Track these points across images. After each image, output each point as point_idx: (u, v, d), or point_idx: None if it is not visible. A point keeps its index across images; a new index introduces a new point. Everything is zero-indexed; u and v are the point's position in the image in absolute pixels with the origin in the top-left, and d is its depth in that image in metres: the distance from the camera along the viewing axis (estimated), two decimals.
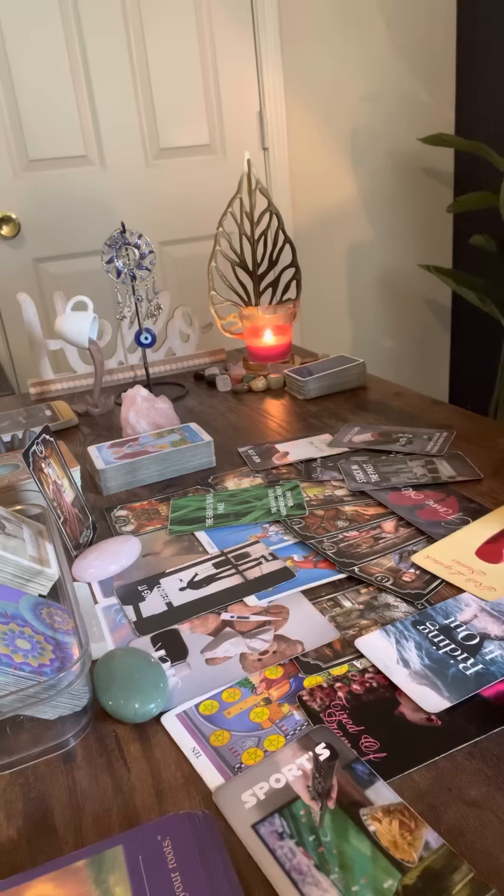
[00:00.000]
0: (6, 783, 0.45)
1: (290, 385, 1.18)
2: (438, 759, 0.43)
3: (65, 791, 0.44)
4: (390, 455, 0.86)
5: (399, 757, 0.43)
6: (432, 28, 2.19)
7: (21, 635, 0.50)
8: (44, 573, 0.59)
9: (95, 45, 1.85)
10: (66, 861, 0.37)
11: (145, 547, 0.71)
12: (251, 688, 0.50)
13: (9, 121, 1.83)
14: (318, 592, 0.61)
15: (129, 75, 1.91)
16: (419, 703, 0.47)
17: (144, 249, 1.12)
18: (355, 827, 0.39)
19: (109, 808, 0.42)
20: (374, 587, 0.60)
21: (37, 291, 1.93)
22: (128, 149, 1.97)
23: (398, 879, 0.36)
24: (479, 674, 0.49)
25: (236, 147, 2.07)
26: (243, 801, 0.41)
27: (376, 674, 0.50)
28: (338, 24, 2.07)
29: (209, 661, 0.54)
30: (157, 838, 0.38)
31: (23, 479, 0.80)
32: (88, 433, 1.08)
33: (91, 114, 1.91)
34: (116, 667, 0.51)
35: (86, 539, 0.73)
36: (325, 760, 0.43)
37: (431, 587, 0.59)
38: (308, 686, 0.50)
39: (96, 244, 1.96)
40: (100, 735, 0.48)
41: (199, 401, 1.19)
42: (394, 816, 0.39)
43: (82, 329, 1.14)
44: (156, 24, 1.89)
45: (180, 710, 0.49)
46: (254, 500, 0.78)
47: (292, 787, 0.41)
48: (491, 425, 0.94)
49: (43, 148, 1.89)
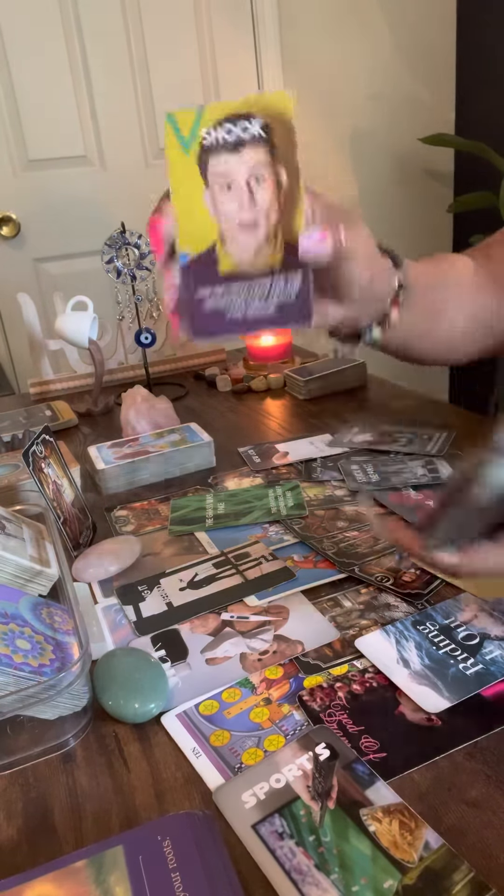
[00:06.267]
0: (6, 783, 0.45)
1: (291, 385, 1.18)
2: (438, 759, 0.43)
3: (65, 791, 0.44)
4: (390, 455, 0.86)
5: (399, 757, 0.43)
6: (433, 28, 2.19)
7: (21, 635, 0.50)
8: (44, 573, 0.59)
9: (95, 45, 1.85)
10: (66, 861, 0.37)
11: (145, 547, 0.71)
12: (251, 688, 0.50)
13: (9, 121, 1.83)
14: (318, 592, 0.61)
15: (129, 75, 1.91)
16: (419, 703, 0.47)
17: (144, 249, 1.13)
18: (355, 827, 0.39)
19: (109, 808, 0.42)
20: (374, 587, 0.60)
21: (37, 291, 1.93)
22: (128, 149, 1.97)
23: (398, 879, 0.36)
24: (479, 674, 0.49)
25: None
26: (243, 801, 0.41)
27: (376, 674, 0.50)
28: (338, 25, 2.07)
29: (209, 661, 0.54)
30: (157, 838, 0.38)
31: (23, 479, 0.80)
32: (88, 433, 1.08)
33: (91, 114, 1.91)
34: (116, 667, 0.51)
35: (86, 539, 0.73)
36: (325, 760, 0.43)
37: (431, 587, 0.59)
38: (308, 686, 0.50)
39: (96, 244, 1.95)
40: (100, 735, 0.48)
41: (199, 401, 1.19)
42: (394, 816, 0.39)
43: (82, 329, 1.14)
44: (156, 24, 1.89)
45: (180, 710, 0.49)
46: (254, 500, 0.78)
47: (292, 787, 0.41)
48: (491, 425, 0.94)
49: (43, 148, 1.89)
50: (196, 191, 0.42)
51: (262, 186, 0.42)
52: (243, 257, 0.43)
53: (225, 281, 0.44)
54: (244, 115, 0.41)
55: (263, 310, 0.45)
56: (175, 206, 0.43)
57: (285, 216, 0.43)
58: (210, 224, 0.43)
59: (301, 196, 0.43)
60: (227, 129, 0.41)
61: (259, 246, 0.43)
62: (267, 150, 0.42)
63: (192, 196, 0.42)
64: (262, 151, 0.42)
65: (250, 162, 0.42)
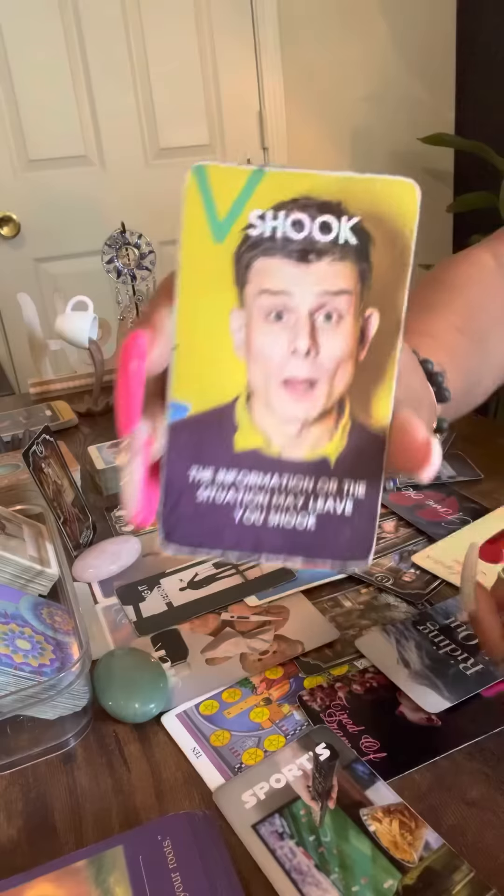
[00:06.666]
0: (6, 783, 0.45)
1: None
2: (438, 759, 0.43)
3: (65, 791, 0.44)
4: None
5: (399, 757, 0.43)
6: (432, 28, 2.19)
7: (21, 635, 0.50)
8: (44, 573, 0.59)
9: (95, 45, 1.85)
10: (66, 861, 0.37)
11: (145, 547, 0.71)
12: (251, 688, 0.50)
13: (9, 121, 1.83)
14: (318, 592, 0.61)
15: (129, 75, 1.91)
16: (419, 703, 0.47)
17: (144, 249, 1.13)
18: (355, 827, 0.39)
19: (109, 809, 0.42)
20: (375, 587, 0.60)
21: (37, 291, 1.93)
22: (128, 149, 1.97)
23: (398, 879, 0.36)
24: (480, 674, 0.49)
25: (236, 147, 2.07)
26: (243, 801, 0.41)
27: (376, 674, 0.50)
28: (338, 24, 2.07)
29: (209, 661, 0.54)
30: (157, 838, 0.38)
31: (23, 479, 0.80)
32: (88, 433, 1.08)
33: (91, 114, 1.91)
34: (116, 667, 0.51)
35: (86, 539, 0.73)
36: (325, 760, 0.43)
37: (431, 587, 0.59)
38: (308, 686, 0.50)
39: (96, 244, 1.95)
40: (100, 735, 0.48)
41: None
42: (394, 816, 0.39)
43: (82, 329, 1.14)
44: (156, 24, 1.89)
45: (180, 710, 0.49)
46: None
47: (292, 787, 0.41)
48: (491, 425, 0.94)
49: (43, 148, 1.88)
50: (220, 308, 0.26)
51: (336, 327, 0.26)
52: (280, 433, 0.27)
53: (241, 463, 0.27)
54: (329, 204, 0.25)
55: (294, 523, 0.27)
56: (179, 324, 0.26)
57: (362, 385, 0.26)
58: (234, 367, 0.26)
59: (395, 357, 0.26)
60: (295, 219, 0.25)
61: (309, 420, 0.27)
62: (357, 270, 0.26)
63: (212, 315, 0.26)
64: (348, 271, 0.26)
65: (325, 283, 0.26)
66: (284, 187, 0.25)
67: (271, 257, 0.26)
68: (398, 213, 0.25)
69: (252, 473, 0.27)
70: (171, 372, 0.26)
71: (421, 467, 0.25)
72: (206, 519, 0.27)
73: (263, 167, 0.25)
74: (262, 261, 0.26)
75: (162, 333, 0.26)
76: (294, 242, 0.26)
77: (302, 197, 0.25)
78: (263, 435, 0.27)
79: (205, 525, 0.27)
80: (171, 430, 0.27)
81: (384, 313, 0.26)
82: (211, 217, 0.25)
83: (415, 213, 0.25)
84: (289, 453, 0.27)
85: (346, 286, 0.26)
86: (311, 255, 0.26)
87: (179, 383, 0.26)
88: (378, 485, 0.27)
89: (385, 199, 0.25)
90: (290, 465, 0.27)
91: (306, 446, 0.27)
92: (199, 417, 0.27)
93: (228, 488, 0.27)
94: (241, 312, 0.26)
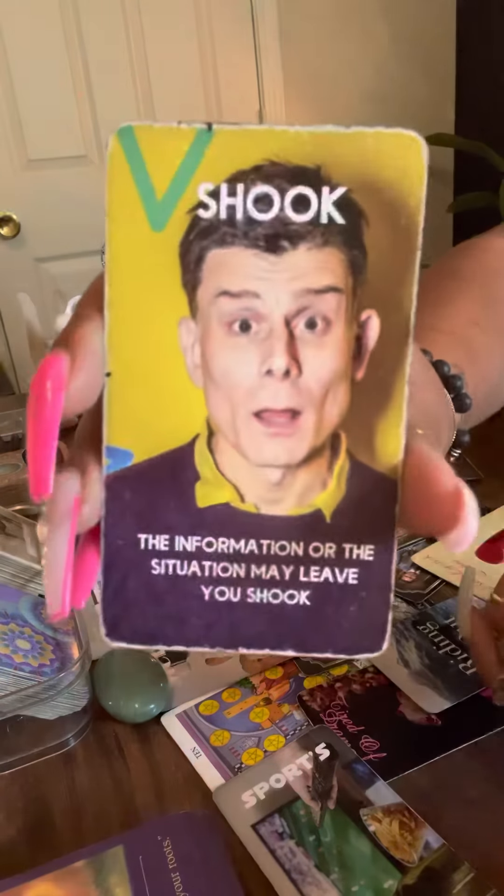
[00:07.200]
0: (6, 783, 0.45)
1: None
2: (438, 759, 0.43)
3: (65, 791, 0.44)
4: None
5: (399, 757, 0.43)
6: (432, 28, 2.19)
7: (21, 635, 0.50)
8: None
9: (95, 45, 1.85)
10: (66, 861, 0.37)
11: None
12: (251, 688, 0.50)
13: (9, 121, 1.83)
14: None
15: (129, 75, 1.91)
16: (419, 703, 0.47)
17: None
18: (355, 827, 0.39)
19: (109, 809, 0.42)
20: None
21: (37, 291, 1.93)
22: None
23: (398, 879, 0.36)
24: None
25: None
26: (243, 801, 0.41)
27: (376, 674, 0.50)
28: (338, 24, 2.07)
29: (209, 661, 0.54)
30: (157, 838, 0.38)
31: (23, 479, 0.79)
32: None
33: (91, 114, 1.91)
34: (116, 667, 0.51)
35: None
36: (325, 760, 0.43)
37: (431, 587, 0.59)
38: (308, 686, 0.50)
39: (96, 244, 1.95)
40: (100, 735, 0.48)
41: None
42: (394, 816, 0.39)
43: None
44: (156, 24, 1.89)
45: (180, 710, 0.49)
46: None
47: (292, 787, 0.41)
48: (491, 425, 0.94)
49: (43, 148, 1.88)
50: (165, 318, 0.20)
51: (322, 338, 0.19)
52: (256, 482, 0.20)
53: (206, 524, 0.20)
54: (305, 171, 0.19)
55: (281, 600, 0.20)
56: (111, 342, 0.20)
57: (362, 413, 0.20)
58: (188, 396, 0.20)
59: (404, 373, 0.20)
60: (259, 194, 0.19)
61: (293, 463, 0.20)
62: (347, 258, 0.19)
63: (155, 328, 0.20)
64: (335, 261, 0.19)
65: (304, 279, 0.19)
66: (242, 151, 0.18)
67: (229, 247, 0.19)
68: (399, 177, 0.18)
69: (222, 537, 0.20)
70: (106, 407, 0.20)
71: (448, 527, 0.18)
72: (164, 601, 0.20)
73: (211, 125, 0.18)
74: (217, 252, 0.19)
75: (88, 356, 0.19)
76: (259, 226, 0.19)
77: (267, 163, 0.18)
78: (233, 485, 0.20)
79: (162, 610, 0.20)
80: (110, 486, 0.20)
81: (386, 315, 0.19)
82: (146, 197, 0.19)
83: (422, 177, 0.18)
84: (269, 508, 0.20)
85: (332, 281, 0.19)
86: (282, 241, 0.19)
87: (117, 422, 0.20)
88: (390, 544, 0.20)
89: (381, 160, 0.18)
90: (272, 524, 0.20)
91: (292, 498, 0.20)
92: (147, 466, 0.20)
93: (191, 559, 0.20)
94: (194, 323, 0.19)
